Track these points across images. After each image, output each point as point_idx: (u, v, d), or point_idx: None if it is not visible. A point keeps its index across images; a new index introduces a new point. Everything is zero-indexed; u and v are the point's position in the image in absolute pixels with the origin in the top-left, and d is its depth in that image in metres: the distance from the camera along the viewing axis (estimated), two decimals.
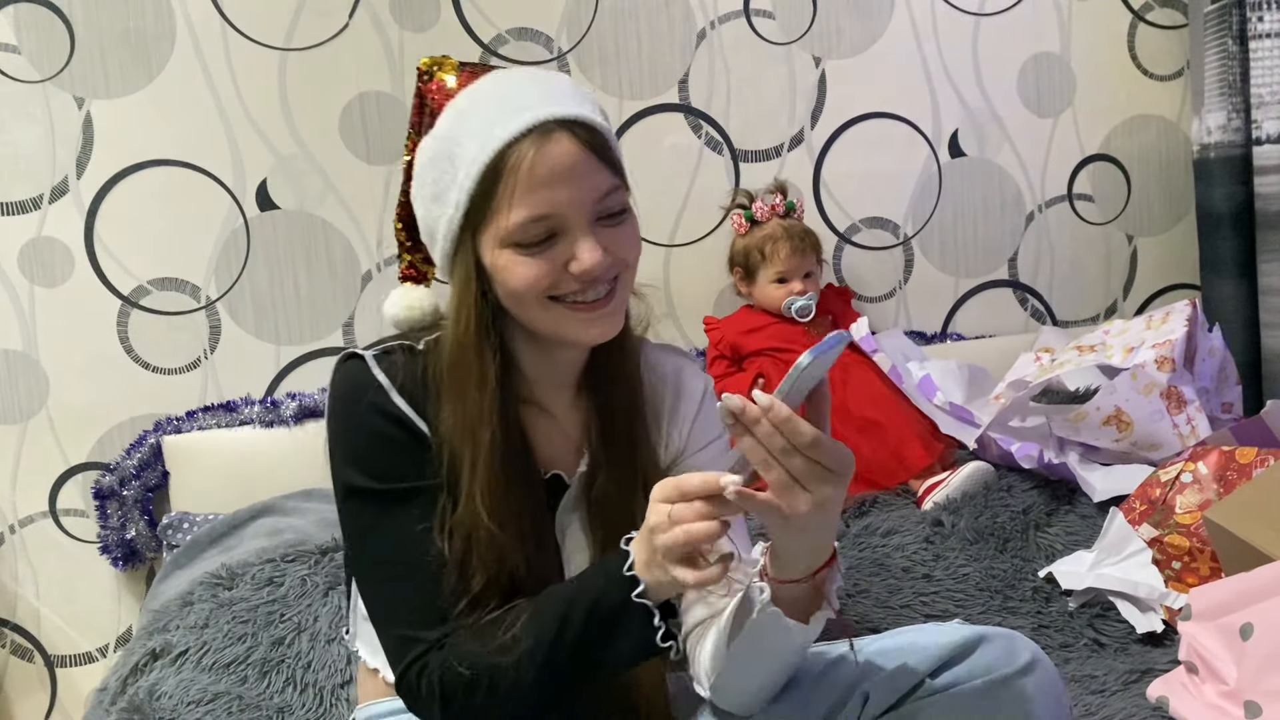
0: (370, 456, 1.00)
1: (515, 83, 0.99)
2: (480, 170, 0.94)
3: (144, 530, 1.95)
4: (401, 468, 0.99)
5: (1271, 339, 2.10)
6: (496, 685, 0.94)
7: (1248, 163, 2.12)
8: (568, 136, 0.95)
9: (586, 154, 0.95)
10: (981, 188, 2.25)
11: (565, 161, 0.94)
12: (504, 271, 0.97)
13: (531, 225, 0.94)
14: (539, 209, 0.94)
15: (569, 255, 0.96)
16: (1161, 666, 1.34)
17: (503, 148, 0.94)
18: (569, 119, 0.95)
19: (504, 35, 2.03)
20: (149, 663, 1.42)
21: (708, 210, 2.13)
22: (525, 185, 0.93)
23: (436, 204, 0.99)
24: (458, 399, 0.99)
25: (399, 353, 1.03)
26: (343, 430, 1.02)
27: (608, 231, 0.97)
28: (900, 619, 1.49)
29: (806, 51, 2.15)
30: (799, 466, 0.83)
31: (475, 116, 0.96)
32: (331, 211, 2.01)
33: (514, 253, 0.96)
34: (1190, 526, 1.46)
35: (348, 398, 1.01)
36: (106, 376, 1.96)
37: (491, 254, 0.97)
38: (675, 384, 1.14)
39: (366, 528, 1.01)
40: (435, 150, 0.98)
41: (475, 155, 0.95)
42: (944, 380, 1.98)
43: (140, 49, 1.92)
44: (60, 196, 1.93)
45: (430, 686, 0.96)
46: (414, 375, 1.01)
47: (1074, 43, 2.25)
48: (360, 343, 2.03)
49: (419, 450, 1.00)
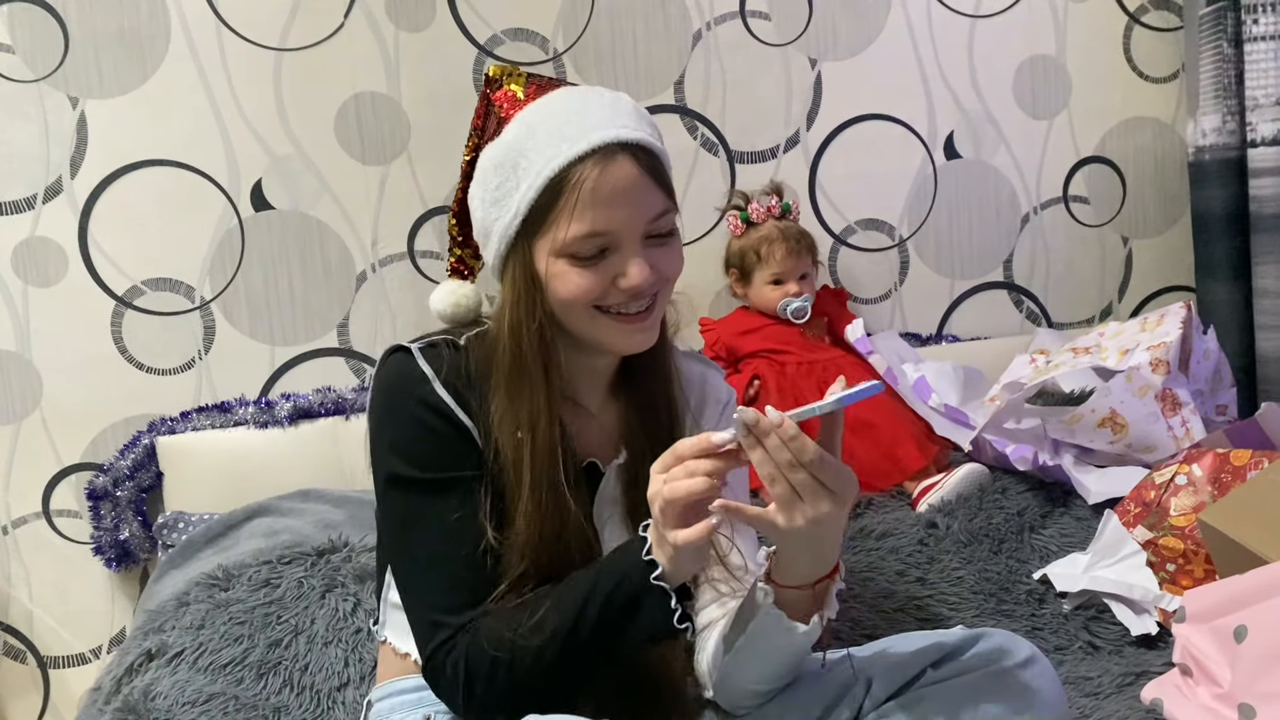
0: (413, 446, 1.04)
1: (584, 102, 1.04)
2: (545, 182, 0.99)
3: (138, 531, 1.94)
4: (442, 458, 1.03)
5: (1266, 341, 2.10)
6: (518, 667, 0.97)
7: (1243, 165, 2.13)
8: (629, 159, 1.00)
9: (644, 177, 1.01)
10: (977, 189, 2.26)
11: (625, 183, 1.00)
12: (556, 279, 1.01)
13: (588, 240, 1.00)
14: (597, 225, 0.99)
15: (619, 270, 1.01)
16: (1156, 669, 1.35)
17: (568, 164, 0.99)
18: (632, 142, 1.01)
19: (499, 36, 2.03)
20: (144, 663, 1.41)
21: (703, 211, 2.13)
22: (586, 202, 0.98)
23: (496, 207, 1.03)
24: (515, 398, 1.03)
25: (443, 346, 1.07)
26: (387, 420, 1.06)
27: (655, 250, 1.03)
28: (895, 622, 1.49)
29: (802, 53, 2.15)
30: (802, 481, 0.88)
31: (544, 130, 1.01)
32: (326, 212, 2.01)
33: (568, 263, 1.01)
34: (1185, 529, 1.47)
35: (393, 389, 1.06)
36: (100, 377, 1.95)
37: (546, 260, 1.01)
38: (701, 389, 1.19)
39: (406, 515, 1.05)
40: (501, 158, 1.03)
41: (541, 168, 1.00)
42: (939, 382, 1.99)
43: (135, 48, 1.92)
44: (54, 196, 1.92)
45: (455, 669, 0.99)
46: (458, 368, 1.05)
47: (1069, 45, 2.25)
48: (355, 343, 2.03)
49: (460, 442, 1.04)
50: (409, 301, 2.04)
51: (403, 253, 2.04)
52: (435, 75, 2.01)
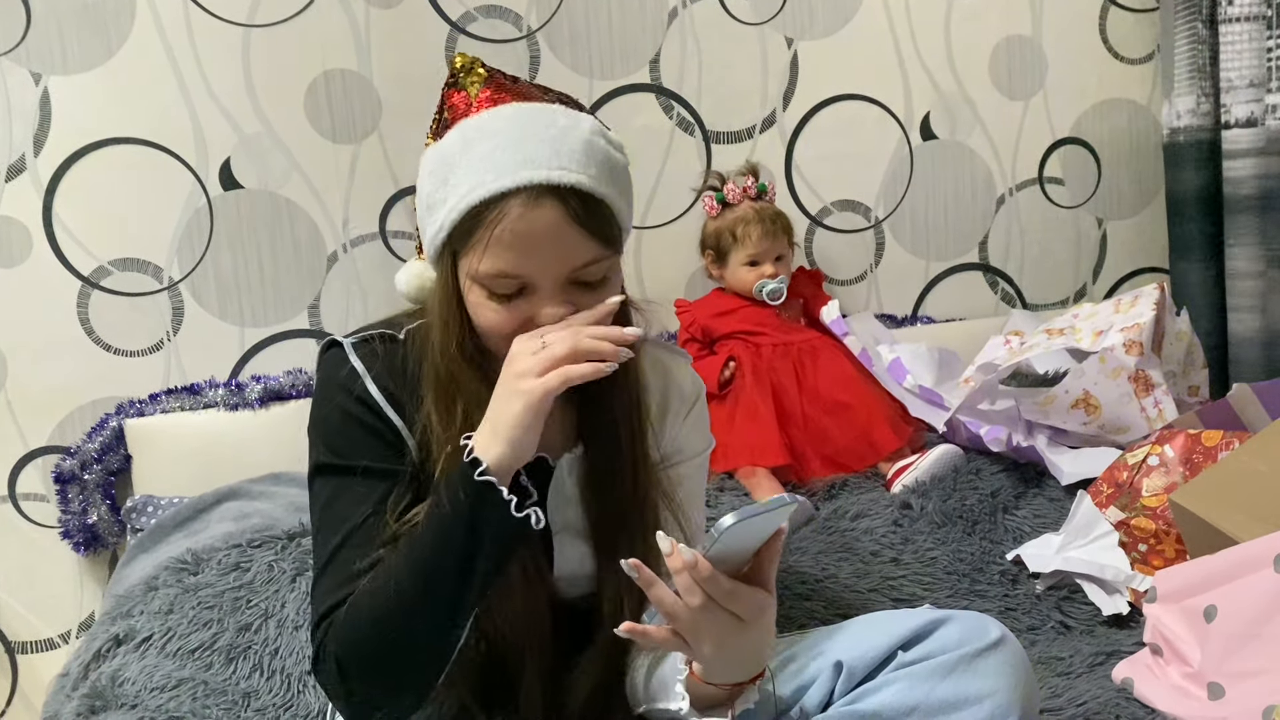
0: (334, 434, 1.02)
1: (528, 129, 0.96)
2: (465, 209, 0.94)
3: (106, 515, 1.92)
4: (360, 448, 1.01)
5: (1238, 323, 2.12)
6: (386, 637, 0.93)
7: (1216, 147, 2.14)
8: (557, 206, 0.93)
9: (572, 227, 0.94)
10: (953, 171, 2.25)
11: (545, 231, 0.93)
12: (474, 306, 0.98)
13: (499, 279, 0.95)
14: (508, 268, 0.94)
15: (535, 311, 0.96)
16: (1127, 648, 1.36)
17: (490, 197, 0.93)
18: (565, 185, 0.93)
19: (472, 13, 2.00)
20: (112, 648, 1.40)
21: (679, 192, 2.11)
22: (502, 241, 0.93)
23: (429, 214, 0.99)
24: (446, 409, 0.99)
25: (377, 342, 1.04)
26: (318, 412, 1.05)
27: (582, 294, 0.97)
28: (868, 602, 1.49)
29: (779, 32, 2.14)
30: (710, 616, 0.87)
31: (478, 152, 0.95)
32: (296, 191, 1.98)
33: (483, 292, 0.96)
34: (1156, 509, 1.47)
35: (326, 383, 1.04)
36: (67, 359, 1.92)
37: (466, 283, 0.98)
38: (664, 381, 1.14)
39: (327, 500, 1.03)
40: (435, 166, 0.99)
41: (464, 194, 0.94)
42: (914, 363, 1.99)
43: (99, 24, 1.88)
44: (17, 175, 1.88)
45: (328, 655, 0.96)
46: (392, 364, 1.03)
47: (1046, 26, 2.25)
48: (326, 324, 2.01)
49: (387, 437, 1.02)
50: (381, 282, 2.02)
51: (374, 233, 2.02)
52: (407, 53, 1.98)
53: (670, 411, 1.14)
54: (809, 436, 1.86)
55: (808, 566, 1.55)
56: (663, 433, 1.12)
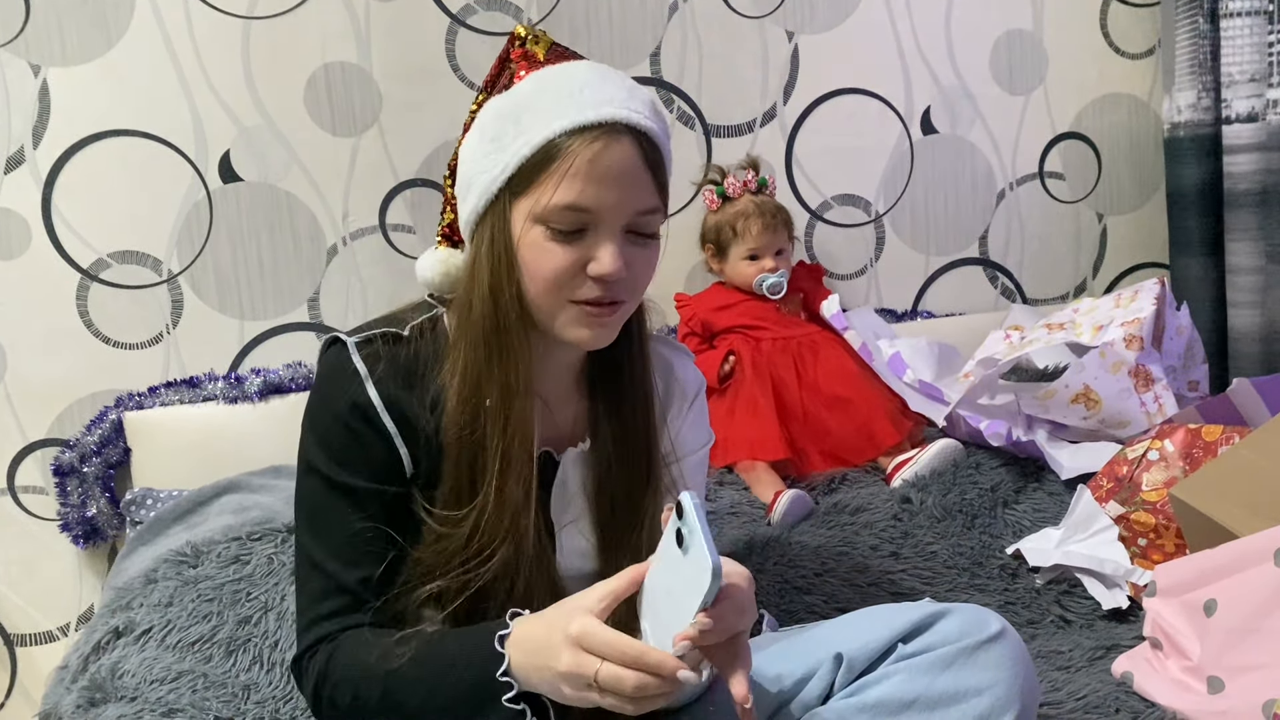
0: (334, 445, 1.01)
1: (603, 77, 1.00)
2: (543, 140, 0.95)
3: (105, 508, 1.92)
4: (361, 464, 1.01)
5: (1238, 318, 2.12)
6: (362, 699, 0.96)
7: (1217, 142, 2.14)
8: (634, 144, 0.96)
9: (643, 167, 0.97)
10: (953, 165, 2.25)
11: (622, 166, 0.96)
12: (528, 247, 0.97)
13: (568, 212, 0.95)
14: (581, 200, 0.95)
15: (591, 254, 0.97)
16: (1126, 642, 1.36)
17: (572, 129, 0.95)
18: (641, 129, 0.97)
19: (473, 5, 1.99)
20: (111, 641, 1.40)
21: (679, 186, 2.11)
22: (578, 173, 0.94)
23: (487, 160, 0.99)
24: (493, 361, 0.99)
25: (380, 342, 1.03)
26: (317, 413, 1.03)
27: (631, 248, 0.98)
28: (868, 596, 1.49)
29: (779, 26, 2.14)
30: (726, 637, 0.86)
31: (555, 91, 0.97)
32: (296, 184, 1.97)
33: (543, 232, 0.96)
34: (1156, 504, 1.47)
35: (326, 382, 1.03)
36: (66, 351, 1.92)
37: (522, 224, 0.97)
38: (667, 377, 1.14)
39: (313, 508, 1.03)
40: (505, 109, 0.99)
41: (542, 126, 0.95)
42: (914, 358, 1.99)
43: (98, 15, 1.87)
44: (16, 167, 1.88)
45: (313, 673, 0.99)
46: (396, 364, 1.02)
47: (1046, 20, 2.24)
48: (325, 317, 2.01)
49: (383, 452, 1.01)
50: (380, 275, 2.02)
51: (374, 226, 2.01)
52: (407, 45, 1.98)
53: (672, 407, 1.14)
54: (809, 431, 1.86)
55: (807, 561, 1.55)
56: (664, 428, 1.12)
